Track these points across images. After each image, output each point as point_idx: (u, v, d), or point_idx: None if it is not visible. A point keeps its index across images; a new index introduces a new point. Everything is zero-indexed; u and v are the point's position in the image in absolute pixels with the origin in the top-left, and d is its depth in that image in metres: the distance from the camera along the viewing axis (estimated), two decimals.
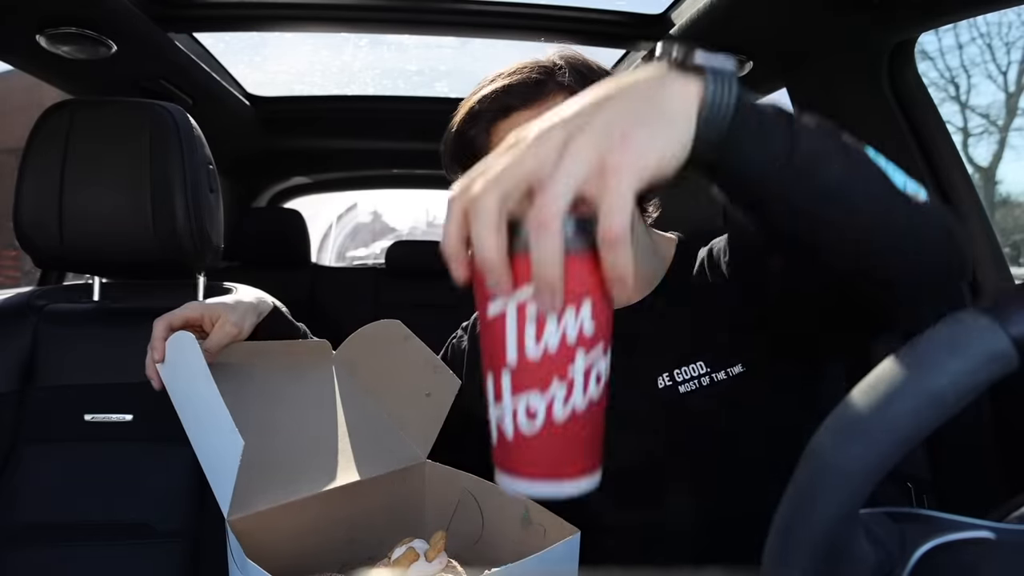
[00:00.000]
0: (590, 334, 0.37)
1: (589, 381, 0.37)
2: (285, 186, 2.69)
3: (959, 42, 4.26)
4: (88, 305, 1.05)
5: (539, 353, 0.36)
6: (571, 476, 0.38)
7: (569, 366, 0.36)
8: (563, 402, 0.37)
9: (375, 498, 0.75)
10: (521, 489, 0.39)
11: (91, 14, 1.12)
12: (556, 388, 0.37)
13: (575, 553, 0.59)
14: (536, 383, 0.37)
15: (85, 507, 0.90)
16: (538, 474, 0.38)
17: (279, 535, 0.68)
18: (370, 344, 0.82)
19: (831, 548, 0.31)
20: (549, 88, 0.71)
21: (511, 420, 0.38)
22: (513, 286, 0.36)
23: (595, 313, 0.37)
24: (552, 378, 0.36)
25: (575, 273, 0.35)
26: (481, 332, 0.39)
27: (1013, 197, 5.20)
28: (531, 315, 0.36)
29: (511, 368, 0.37)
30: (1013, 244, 4.46)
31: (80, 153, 0.93)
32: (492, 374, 0.38)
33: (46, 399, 0.94)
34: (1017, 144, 4.57)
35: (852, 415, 0.30)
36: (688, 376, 0.73)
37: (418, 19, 1.39)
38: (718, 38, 1.26)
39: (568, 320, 0.36)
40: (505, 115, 0.71)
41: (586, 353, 0.37)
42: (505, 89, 0.70)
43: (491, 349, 0.38)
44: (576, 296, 0.36)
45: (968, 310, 0.30)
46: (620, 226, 0.34)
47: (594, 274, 0.36)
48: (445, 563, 0.64)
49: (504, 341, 0.37)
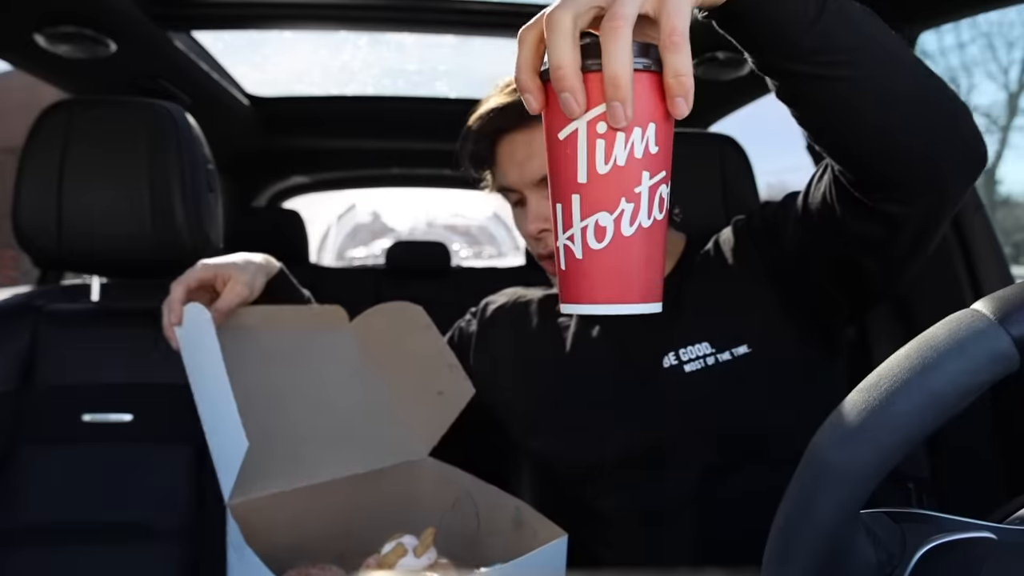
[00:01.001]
0: (655, 154, 0.39)
1: (654, 201, 0.39)
2: (284, 186, 2.69)
3: (959, 42, 4.26)
4: (87, 305, 1.05)
5: (608, 169, 0.38)
6: (634, 299, 0.40)
7: (636, 185, 0.39)
8: (630, 220, 0.39)
9: (374, 491, 0.76)
10: (588, 311, 0.41)
11: (90, 13, 1.12)
12: (624, 205, 0.39)
13: (562, 555, 0.59)
14: (605, 202, 0.39)
15: (84, 507, 0.90)
16: (603, 298, 0.40)
17: (277, 522, 0.68)
18: (387, 323, 0.81)
19: (831, 548, 0.31)
20: None
21: (580, 241, 0.40)
22: (587, 104, 0.38)
23: (659, 135, 0.39)
24: (620, 197, 0.39)
25: (641, 91, 0.38)
26: (550, 161, 0.41)
27: (1013, 197, 5.20)
28: (601, 132, 0.38)
29: (581, 188, 0.39)
30: (1014, 244, 4.46)
31: (79, 153, 0.93)
32: (562, 201, 0.40)
33: (45, 399, 0.94)
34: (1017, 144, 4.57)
35: (853, 415, 0.30)
36: (693, 356, 0.74)
37: (418, 19, 1.39)
38: (718, 37, 1.26)
39: (635, 138, 0.38)
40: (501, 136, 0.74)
41: (651, 174, 0.39)
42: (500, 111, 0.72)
43: (563, 174, 0.40)
44: (642, 116, 0.38)
45: (969, 310, 0.30)
46: (680, 29, 0.36)
47: (658, 94, 0.38)
48: (434, 559, 0.64)
49: (576, 161, 0.39)
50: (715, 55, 1.31)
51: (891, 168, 0.53)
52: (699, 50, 1.32)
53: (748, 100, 1.60)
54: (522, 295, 0.93)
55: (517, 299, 0.92)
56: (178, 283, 0.74)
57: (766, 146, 2.22)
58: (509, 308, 0.91)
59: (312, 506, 0.71)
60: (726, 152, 1.15)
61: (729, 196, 1.14)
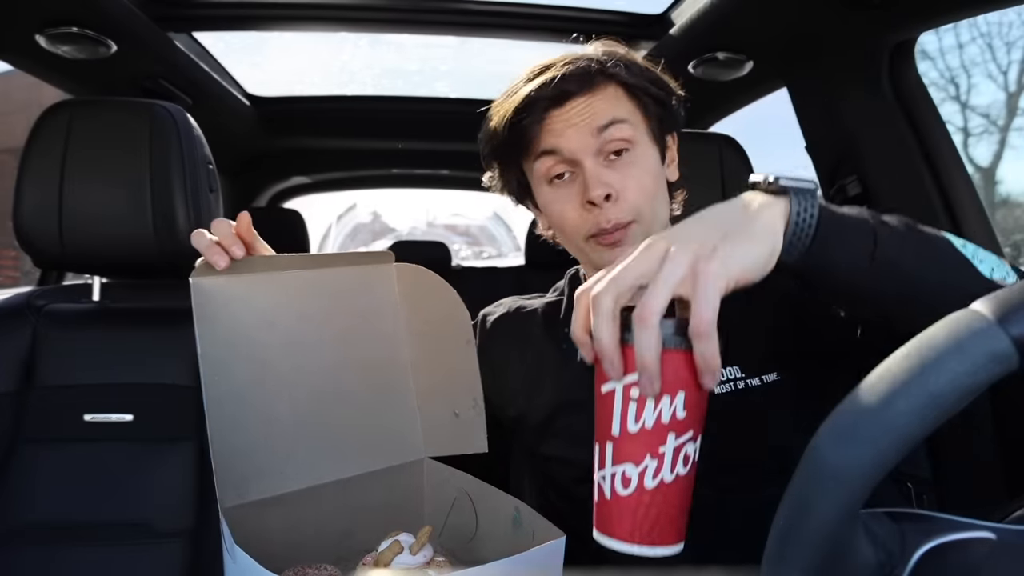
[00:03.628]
0: (681, 419, 0.43)
1: (677, 460, 0.44)
2: (285, 186, 2.69)
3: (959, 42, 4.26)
4: (88, 305, 1.05)
5: (637, 429, 0.43)
6: (654, 543, 0.45)
7: (661, 445, 0.43)
8: (653, 474, 0.44)
9: (372, 492, 0.76)
10: (612, 546, 0.45)
11: (91, 14, 1.12)
12: (648, 462, 0.44)
13: (559, 556, 0.59)
14: (632, 455, 0.44)
15: (84, 507, 0.90)
16: (627, 537, 0.45)
17: (276, 523, 0.68)
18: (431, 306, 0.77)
19: (831, 548, 0.31)
20: (600, 79, 0.73)
21: (610, 484, 0.45)
22: (623, 371, 0.43)
23: (688, 402, 0.43)
24: (646, 453, 0.44)
25: (671, 366, 0.42)
26: (596, 405, 0.46)
27: (1013, 197, 5.20)
28: (634, 397, 0.43)
29: (614, 439, 0.45)
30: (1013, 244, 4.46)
31: (80, 153, 0.93)
32: (599, 444, 0.46)
33: (46, 399, 0.94)
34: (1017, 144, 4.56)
35: (853, 415, 0.30)
36: (723, 379, 0.73)
37: (418, 19, 1.39)
38: (718, 38, 1.26)
39: (663, 405, 0.43)
40: (561, 102, 0.73)
41: (677, 436, 0.43)
42: (563, 78, 0.72)
43: (602, 422, 0.46)
44: (671, 385, 0.43)
45: (968, 310, 0.30)
46: (707, 320, 0.40)
47: (687, 369, 0.43)
48: (430, 556, 0.65)
49: (611, 416, 0.44)
50: (715, 55, 1.31)
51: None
52: (699, 50, 1.32)
53: (748, 100, 1.60)
54: (522, 305, 0.91)
55: (518, 308, 0.91)
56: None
57: (766, 146, 2.22)
58: (510, 318, 0.90)
59: (311, 506, 0.71)
60: (726, 152, 1.15)
61: (729, 196, 1.13)
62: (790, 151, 1.59)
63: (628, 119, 0.73)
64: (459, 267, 2.61)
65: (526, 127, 0.74)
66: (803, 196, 0.47)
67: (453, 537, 0.75)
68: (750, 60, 1.30)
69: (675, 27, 1.32)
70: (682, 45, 1.33)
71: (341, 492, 0.73)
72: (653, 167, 0.75)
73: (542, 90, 0.73)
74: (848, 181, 1.29)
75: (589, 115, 0.72)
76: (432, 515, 0.77)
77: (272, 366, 0.71)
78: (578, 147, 0.73)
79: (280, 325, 0.72)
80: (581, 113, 0.73)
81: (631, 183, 0.73)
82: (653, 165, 0.75)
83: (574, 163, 0.73)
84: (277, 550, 0.66)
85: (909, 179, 1.20)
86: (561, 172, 0.75)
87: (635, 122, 0.74)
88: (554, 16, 1.40)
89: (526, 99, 0.73)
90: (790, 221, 0.47)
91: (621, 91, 0.74)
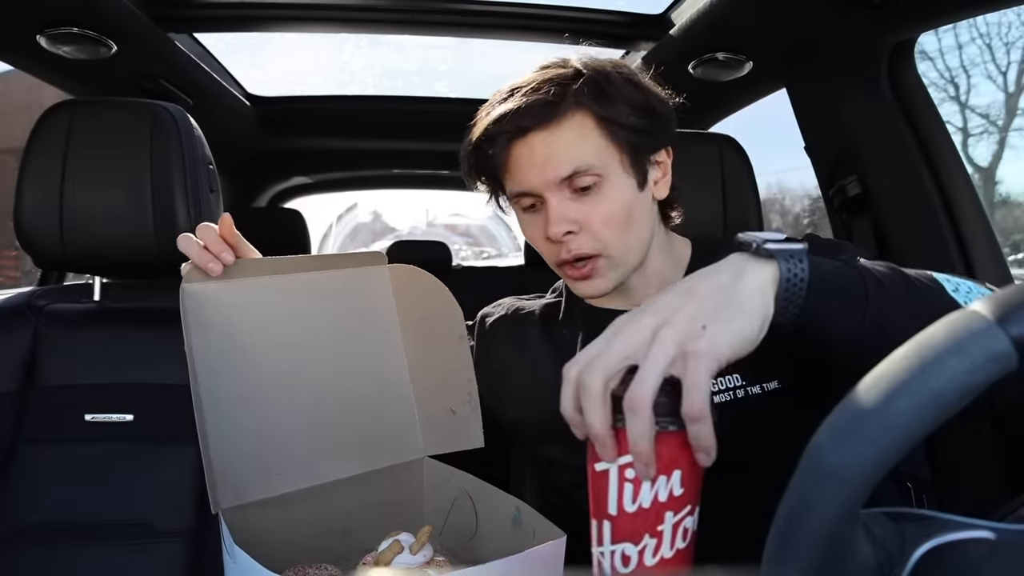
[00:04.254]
0: (679, 496, 0.43)
1: (676, 535, 0.43)
2: (285, 186, 2.69)
3: (959, 42, 4.26)
4: (88, 305, 1.05)
5: (634, 509, 0.43)
6: None
7: (659, 524, 0.43)
8: (653, 552, 0.43)
9: (372, 492, 0.76)
10: None
11: (91, 14, 1.12)
12: (647, 540, 0.43)
13: (560, 555, 0.59)
14: (631, 535, 0.43)
15: (85, 507, 0.90)
16: None
17: (276, 524, 0.68)
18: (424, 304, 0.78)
19: (831, 548, 0.31)
20: (564, 107, 0.70)
21: (609, 561, 0.45)
22: (616, 454, 0.42)
23: (684, 480, 0.43)
24: (644, 533, 0.43)
25: (665, 447, 0.42)
26: (590, 482, 0.45)
27: (1013, 197, 5.20)
28: (629, 478, 0.43)
29: (611, 518, 0.44)
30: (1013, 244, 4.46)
31: (80, 153, 0.93)
32: (596, 521, 0.45)
33: (46, 399, 0.94)
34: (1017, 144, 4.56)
35: (852, 414, 0.30)
36: (724, 387, 0.72)
37: (418, 19, 1.39)
38: (718, 38, 1.26)
39: (660, 485, 0.42)
40: (521, 135, 0.71)
41: (675, 513, 0.43)
42: (519, 111, 0.69)
43: (596, 499, 0.45)
44: (667, 466, 0.42)
45: (968, 310, 0.30)
46: (699, 404, 0.39)
47: (682, 448, 0.42)
48: (430, 556, 0.65)
49: (607, 496, 0.44)
50: (715, 55, 1.31)
51: None
52: (699, 50, 1.32)
53: (748, 100, 1.60)
54: (520, 306, 0.90)
55: (516, 310, 0.90)
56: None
57: (766, 146, 2.22)
58: (508, 320, 0.89)
59: (311, 507, 0.71)
60: (726, 152, 1.15)
61: (729, 196, 1.14)
62: (790, 151, 1.60)
63: (592, 161, 0.70)
64: (459, 267, 2.61)
65: (491, 157, 0.73)
66: (793, 261, 0.47)
67: (453, 536, 0.75)
68: (750, 60, 1.30)
69: (675, 27, 1.32)
70: (682, 45, 1.33)
71: (341, 492, 0.73)
72: (625, 198, 0.72)
73: (499, 124, 0.71)
74: (848, 181, 1.29)
75: (547, 155, 0.70)
76: (432, 514, 0.77)
77: (269, 368, 0.71)
78: (540, 184, 0.71)
79: (275, 328, 0.72)
80: (542, 150, 0.70)
81: (597, 217, 0.71)
82: (625, 196, 0.72)
83: (539, 196, 0.72)
84: (277, 550, 0.66)
85: (909, 179, 1.20)
86: (530, 203, 0.74)
87: (604, 157, 0.71)
88: (554, 16, 1.40)
89: (485, 132, 0.72)
90: (780, 287, 0.46)
91: (589, 120, 0.70)
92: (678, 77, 1.41)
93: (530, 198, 0.74)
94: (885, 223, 1.25)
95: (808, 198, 11.63)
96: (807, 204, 11.77)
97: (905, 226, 1.23)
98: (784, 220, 12.56)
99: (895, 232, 1.24)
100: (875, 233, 1.27)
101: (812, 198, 10.86)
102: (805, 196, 11.65)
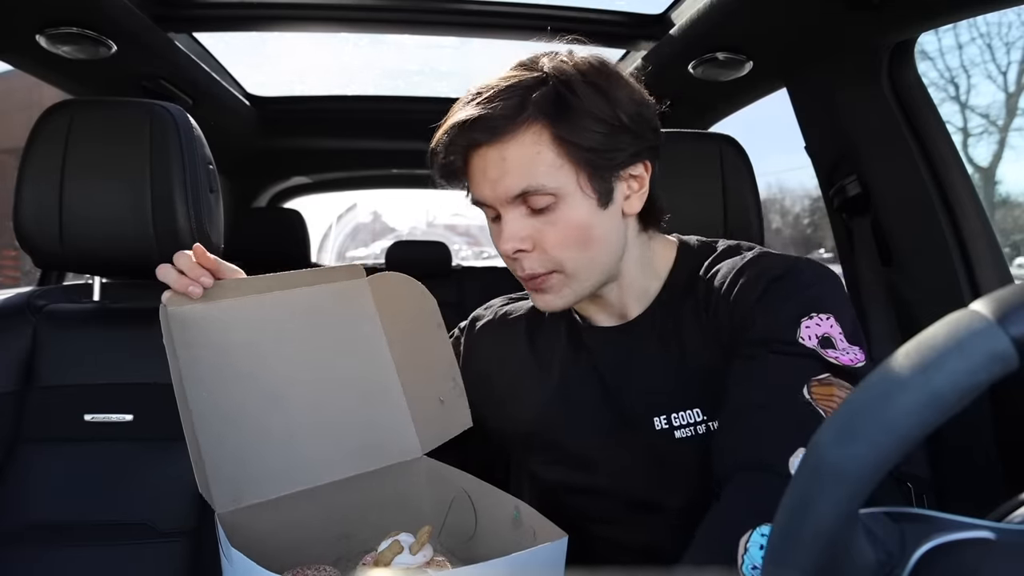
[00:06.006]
0: None
1: None
2: (285, 186, 2.69)
3: (959, 42, 4.25)
4: (88, 305, 1.05)
5: None
6: None
7: None
8: None
9: (371, 493, 0.76)
10: None
11: (91, 14, 1.12)
12: None
13: (562, 555, 0.59)
14: None
15: (85, 507, 0.90)
16: None
17: (275, 525, 0.68)
18: (404, 303, 0.79)
19: (830, 548, 0.31)
20: (520, 121, 0.66)
21: None
22: None
23: None
24: None
25: None
26: None
27: (1013, 197, 5.20)
28: None
29: None
30: (1013, 244, 4.45)
31: (80, 153, 0.93)
32: None
33: (46, 399, 0.94)
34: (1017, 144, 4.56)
35: (852, 414, 0.30)
36: (685, 422, 0.71)
37: (418, 19, 1.39)
38: (718, 38, 1.26)
39: None
40: (475, 147, 0.68)
41: None
42: (474, 123, 0.66)
43: None
44: None
45: (968, 310, 0.30)
46: None
47: None
48: (430, 556, 0.65)
49: None
50: (715, 55, 1.31)
51: None
52: (699, 50, 1.32)
53: (748, 100, 1.60)
54: (509, 311, 0.89)
55: (504, 315, 0.89)
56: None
57: (766, 146, 2.22)
58: (494, 326, 0.89)
59: (310, 508, 0.71)
60: (726, 152, 1.15)
61: (729, 196, 1.14)
62: (790, 151, 1.60)
63: (544, 182, 0.66)
64: (459, 267, 2.61)
65: (452, 163, 0.70)
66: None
67: (453, 536, 0.75)
68: (750, 60, 1.30)
69: (675, 27, 1.32)
70: (682, 45, 1.33)
71: (340, 493, 0.73)
72: (581, 218, 0.68)
73: (456, 133, 0.68)
74: (848, 181, 1.29)
75: (499, 172, 0.67)
76: (431, 514, 0.77)
77: (260, 382, 0.72)
78: (492, 198, 0.69)
79: (263, 345, 0.73)
80: (494, 167, 0.67)
81: (551, 236, 0.68)
82: (581, 216, 0.68)
83: (496, 210, 0.71)
84: (276, 552, 0.66)
85: (909, 179, 1.20)
86: (493, 214, 0.72)
87: (559, 176, 0.66)
88: (554, 16, 1.40)
89: (444, 139, 0.70)
90: None
91: (546, 135, 0.66)
92: (678, 77, 1.41)
93: (490, 209, 0.72)
94: (885, 223, 1.25)
95: (808, 198, 11.61)
96: (807, 204, 11.76)
97: (905, 226, 1.23)
98: (784, 220, 12.53)
99: (895, 232, 1.24)
100: (875, 233, 1.27)
101: (812, 198, 10.84)
102: (805, 196, 11.63)
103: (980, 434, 1.06)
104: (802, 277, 0.67)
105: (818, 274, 0.68)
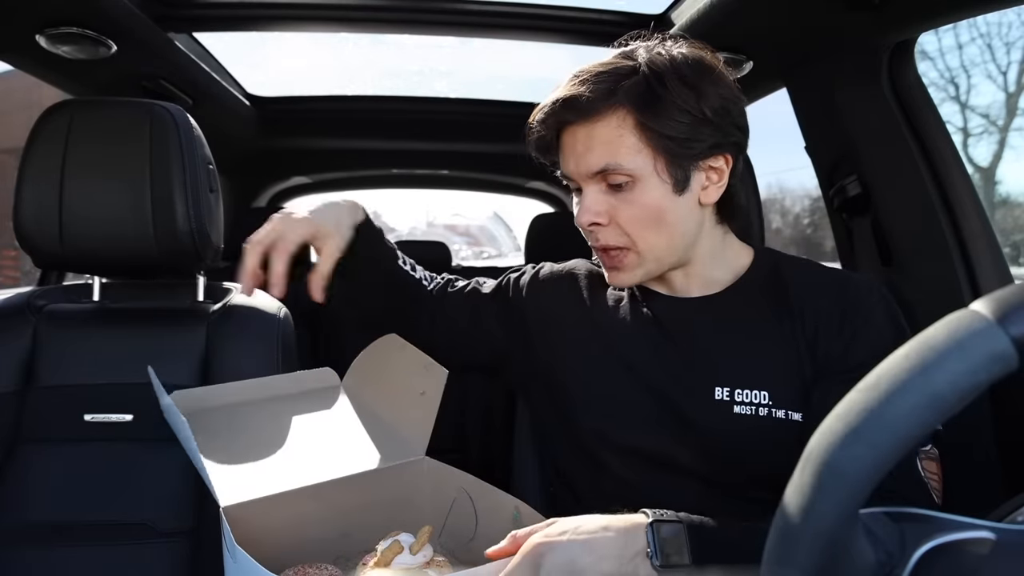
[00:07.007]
0: None
1: None
2: (285, 186, 2.69)
3: (959, 42, 4.26)
4: (88, 305, 1.05)
5: None
6: None
7: None
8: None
9: (372, 492, 0.76)
10: None
11: (91, 14, 1.12)
12: None
13: None
14: None
15: (85, 507, 0.90)
16: None
17: (276, 524, 0.68)
18: (372, 362, 0.85)
19: (831, 548, 0.31)
20: (607, 104, 0.71)
21: None
22: None
23: None
24: None
25: None
26: None
27: (1013, 197, 5.20)
28: None
29: None
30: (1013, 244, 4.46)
31: (80, 153, 0.93)
32: None
33: (46, 399, 0.94)
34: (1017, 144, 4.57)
35: (852, 415, 0.30)
36: (747, 400, 0.72)
37: (418, 19, 1.39)
38: (718, 38, 1.26)
39: None
40: (566, 125, 0.74)
41: None
42: (566, 102, 0.72)
43: None
44: None
45: (968, 310, 0.30)
46: None
47: None
48: (430, 556, 0.65)
49: None
50: None
51: None
52: None
53: (748, 100, 1.60)
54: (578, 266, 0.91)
55: (572, 268, 0.91)
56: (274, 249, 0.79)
57: (766, 146, 2.22)
58: (562, 274, 0.90)
59: (311, 507, 0.71)
60: None
61: None
62: (790, 151, 1.60)
63: (623, 162, 0.71)
64: (459, 267, 2.61)
65: (544, 138, 0.77)
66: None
67: (453, 537, 0.75)
68: (750, 60, 1.30)
69: (675, 27, 1.32)
70: None
71: (341, 492, 0.73)
72: (655, 200, 0.72)
73: (548, 109, 0.74)
74: (848, 181, 1.29)
75: (584, 149, 0.73)
76: (432, 515, 0.77)
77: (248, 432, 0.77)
78: (575, 173, 0.75)
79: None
80: (581, 144, 0.73)
81: (624, 213, 0.73)
82: (655, 199, 0.72)
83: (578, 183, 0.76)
84: (277, 550, 0.66)
85: (909, 179, 1.20)
86: (575, 187, 0.78)
87: (637, 159, 0.71)
88: (554, 16, 1.40)
89: (539, 113, 0.76)
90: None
91: (629, 120, 0.71)
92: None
93: (574, 183, 0.77)
94: (885, 223, 1.25)
95: (808, 198, 11.60)
96: (807, 204, 11.76)
97: (905, 226, 1.23)
98: (784, 220, 12.52)
99: (895, 232, 1.24)
100: (875, 233, 1.27)
101: (812, 198, 10.83)
102: (805, 196, 11.62)
103: (980, 434, 1.06)
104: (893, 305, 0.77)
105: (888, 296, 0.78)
